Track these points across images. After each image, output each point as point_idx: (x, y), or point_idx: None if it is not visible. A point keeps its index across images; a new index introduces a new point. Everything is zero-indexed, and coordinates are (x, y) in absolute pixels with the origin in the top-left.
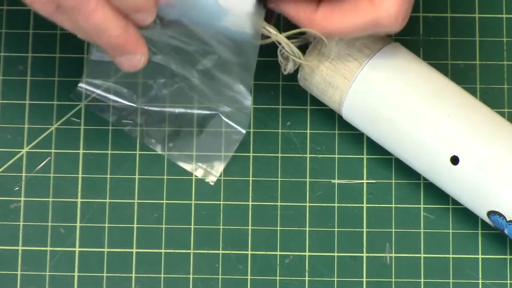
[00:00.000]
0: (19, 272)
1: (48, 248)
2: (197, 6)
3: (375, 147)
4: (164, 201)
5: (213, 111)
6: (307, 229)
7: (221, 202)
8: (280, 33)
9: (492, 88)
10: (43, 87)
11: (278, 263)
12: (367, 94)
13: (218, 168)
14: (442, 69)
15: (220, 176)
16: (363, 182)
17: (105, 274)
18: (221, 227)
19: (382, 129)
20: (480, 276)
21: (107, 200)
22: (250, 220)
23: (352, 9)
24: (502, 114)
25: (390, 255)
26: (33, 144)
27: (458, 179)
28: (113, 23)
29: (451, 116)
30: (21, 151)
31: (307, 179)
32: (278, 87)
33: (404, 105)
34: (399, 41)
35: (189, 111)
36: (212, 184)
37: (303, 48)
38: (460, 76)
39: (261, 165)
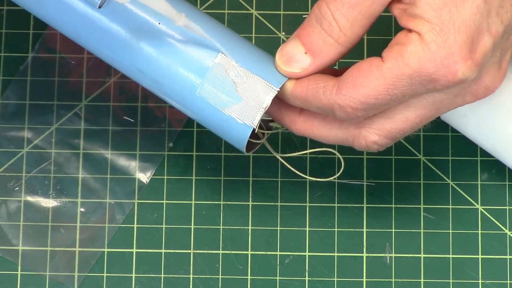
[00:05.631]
0: (19, 272)
1: (48, 248)
2: (214, 83)
3: None
4: (164, 201)
5: None
6: (307, 229)
7: (221, 202)
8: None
9: None
10: (43, 87)
11: (278, 263)
12: None
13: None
14: None
15: (220, 176)
16: (363, 182)
17: (105, 274)
18: (221, 227)
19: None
20: (480, 276)
21: (107, 200)
22: (250, 220)
23: (333, 121)
24: None
25: (390, 255)
26: (33, 144)
27: None
28: None
29: None
30: (21, 151)
31: (307, 179)
32: None
33: None
34: None
35: None
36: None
37: None
38: None
39: (261, 165)
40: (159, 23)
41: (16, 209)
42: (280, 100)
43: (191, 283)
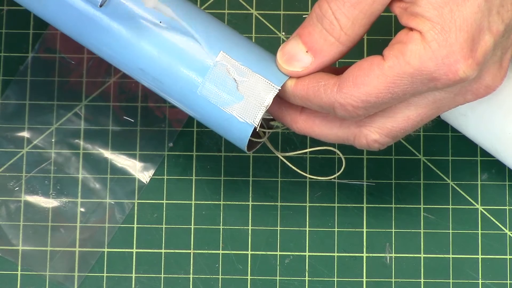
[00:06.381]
0: (19, 272)
1: (48, 248)
2: (215, 82)
3: None
4: (164, 201)
5: None
6: (307, 229)
7: (221, 202)
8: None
9: None
10: (43, 87)
11: (278, 263)
12: None
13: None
14: None
15: (220, 176)
16: (363, 182)
17: (105, 274)
18: (221, 227)
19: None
20: (480, 276)
21: (107, 200)
22: (250, 220)
23: (334, 120)
24: None
25: (390, 255)
26: (33, 144)
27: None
28: None
29: None
30: (21, 151)
31: (307, 179)
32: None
33: None
34: None
35: None
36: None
37: None
38: None
39: (261, 165)
40: (160, 22)
41: (16, 209)
42: (281, 99)
43: (191, 283)
